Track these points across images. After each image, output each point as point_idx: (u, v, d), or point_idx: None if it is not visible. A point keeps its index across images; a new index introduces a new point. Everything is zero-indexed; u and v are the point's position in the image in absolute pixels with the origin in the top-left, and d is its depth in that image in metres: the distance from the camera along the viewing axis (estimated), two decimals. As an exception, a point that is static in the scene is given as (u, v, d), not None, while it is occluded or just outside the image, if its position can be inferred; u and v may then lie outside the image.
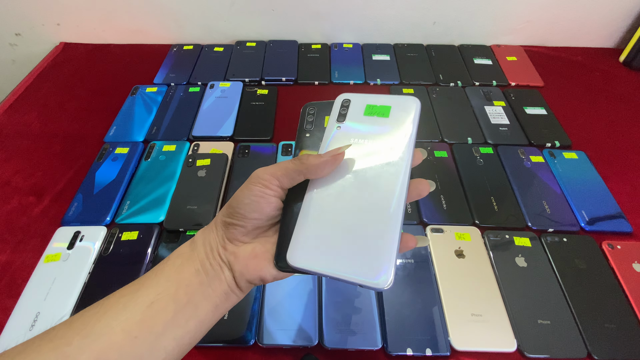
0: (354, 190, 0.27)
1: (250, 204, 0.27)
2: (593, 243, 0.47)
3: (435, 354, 0.38)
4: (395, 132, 0.29)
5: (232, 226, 0.28)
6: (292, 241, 0.26)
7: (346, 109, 0.31)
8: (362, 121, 0.30)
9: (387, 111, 0.30)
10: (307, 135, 0.32)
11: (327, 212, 0.27)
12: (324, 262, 0.25)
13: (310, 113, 0.33)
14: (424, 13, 0.76)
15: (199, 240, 0.29)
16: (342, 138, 0.29)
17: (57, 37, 0.80)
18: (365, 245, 0.25)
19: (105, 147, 0.57)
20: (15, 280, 0.44)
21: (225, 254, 0.28)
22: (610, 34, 0.79)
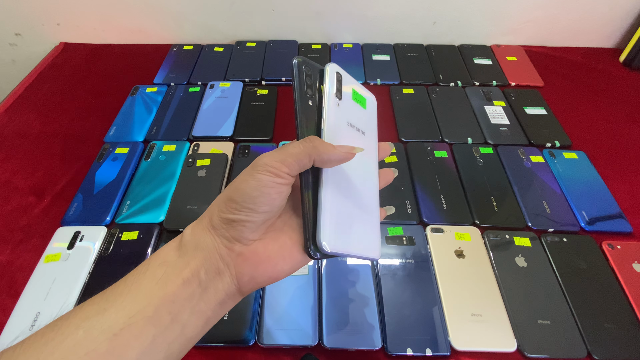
0: (356, 177, 0.28)
1: (260, 196, 0.24)
2: (593, 243, 0.47)
3: (435, 354, 0.38)
4: (371, 125, 0.31)
5: (238, 223, 0.24)
6: (323, 227, 0.25)
7: (340, 84, 0.29)
8: (353, 106, 0.30)
9: (364, 103, 0.31)
10: (309, 104, 0.27)
11: (343, 198, 0.27)
12: (349, 245, 0.26)
13: (308, 74, 0.28)
14: (424, 13, 0.76)
15: (189, 243, 0.24)
16: (342, 119, 0.28)
17: (57, 37, 0.80)
18: (368, 227, 0.28)
19: (105, 147, 0.57)
20: (15, 280, 0.44)
21: (231, 256, 0.24)
22: (610, 34, 0.79)
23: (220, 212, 0.25)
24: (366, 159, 0.30)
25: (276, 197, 0.24)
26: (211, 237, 0.24)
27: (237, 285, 0.25)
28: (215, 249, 0.24)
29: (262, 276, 0.25)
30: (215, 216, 0.25)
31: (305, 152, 0.24)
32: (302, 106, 0.27)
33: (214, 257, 0.24)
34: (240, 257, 0.24)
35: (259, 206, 0.24)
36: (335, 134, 0.27)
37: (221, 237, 0.25)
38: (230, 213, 0.24)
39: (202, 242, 0.24)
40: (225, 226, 0.24)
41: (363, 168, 0.29)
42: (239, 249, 0.24)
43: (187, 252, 0.24)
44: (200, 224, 0.25)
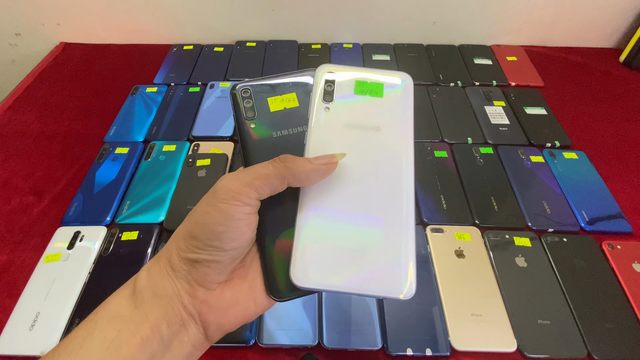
0: (358, 191, 0.23)
1: (227, 230, 0.20)
2: (593, 243, 0.47)
3: (435, 354, 0.38)
4: (394, 117, 0.25)
5: (201, 264, 0.20)
6: (297, 258, 0.22)
7: (332, 84, 0.25)
8: (354, 101, 0.25)
9: (380, 90, 0.26)
10: (252, 127, 0.25)
11: (333, 219, 0.23)
12: (339, 278, 0.22)
13: (245, 96, 0.26)
14: (424, 13, 0.76)
15: (145, 290, 0.20)
16: (334, 123, 0.25)
17: (57, 37, 0.80)
18: (381, 256, 0.22)
19: (105, 147, 0.57)
20: (15, 280, 0.44)
21: (194, 305, 0.20)
22: (610, 34, 0.79)
23: (179, 250, 0.21)
24: (378, 160, 0.24)
25: (246, 230, 0.21)
26: (171, 283, 0.20)
27: (204, 335, 0.21)
28: (176, 297, 0.20)
29: (230, 324, 0.21)
30: (174, 255, 0.21)
31: (276, 173, 0.21)
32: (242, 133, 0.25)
33: (176, 307, 0.20)
34: (204, 305, 0.21)
35: (225, 243, 0.20)
36: (323, 143, 0.24)
37: (182, 280, 0.21)
38: (191, 252, 0.20)
39: (161, 289, 0.20)
40: (186, 268, 0.20)
41: (380, 176, 0.24)
42: (203, 295, 0.21)
43: (144, 302, 0.20)
44: (157, 265, 0.21)
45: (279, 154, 0.23)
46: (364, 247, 0.22)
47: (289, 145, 0.25)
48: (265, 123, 0.25)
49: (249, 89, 0.26)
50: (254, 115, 0.25)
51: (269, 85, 0.26)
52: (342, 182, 0.23)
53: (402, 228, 0.23)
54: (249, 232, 0.21)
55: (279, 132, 0.25)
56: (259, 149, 0.25)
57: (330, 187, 0.23)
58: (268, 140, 0.25)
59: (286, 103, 0.26)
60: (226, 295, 0.21)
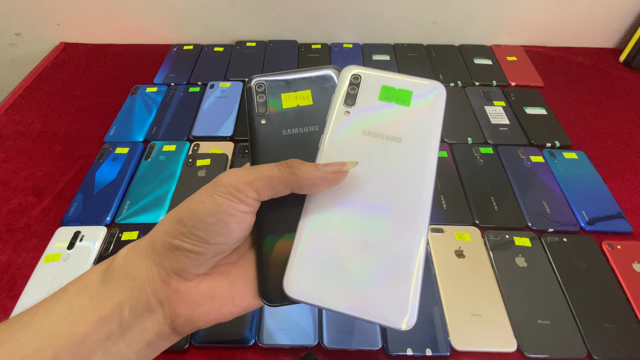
0: (368, 207, 0.22)
1: (216, 223, 0.19)
2: (593, 243, 0.47)
3: (435, 354, 0.38)
4: (419, 128, 0.23)
5: (182, 252, 0.20)
6: (293, 267, 0.21)
7: (356, 88, 0.24)
8: (378, 108, 0.24)
9: (407, 98, 0.24)
10: (262, 123, 0.25)
11: (337, 232, 0.21)
12: (336, 296, 0.20)
13: (260, 91, 0.25)
14: (424, 13, 0.76)
15: (118, 268, 0.20)
16: (353, 129, 0.23)
17: (57, 37, 0.80)
18: (384, 280, 0.21)
19: (105, 147, 0.57)
20: (15, 280, 0.44)
21: (165, 292, 0.20)
22: (610, 34, 0.79)
23: (165, 234, 0.20)
24: (395, 175, 0.22)
25: (235, 227, 0.20)
26: (146, 265, 0.20)
27: (172, 326, 0.20)
28: (147, 281, 0.20)
29: (201, 319, 0.20)
30: (158, 238, 0.20)
31: (280, 178, 0.20)
32: (252, 129, 0.24)
33: (144, 291, 0.20)
34: (176, 295, 0.20)
35: (211, 236, 0.19)
36: (337, 150, 0.23)
37: (158, 265, 0.20)
38: (176, 238, 0.20)
39: (134, 270, 0.20)
40: (166, 253, 0.20)
41: (396, 192, 0.22)
42: (176, 284, 0.20)
43: (113, 280, 0.20)
44: (139, 245, 0.21)
45: (286, 153, 0.22)
46: (367, 267, 0.21)
47: (298, 145, 0.24)
48: (277, 120, 0.25)
49: (264, 84, 0.25)
50: (265, 111, 0.25)
51: (284, 81, 0.25)
52: (352, 194, 0.22)
53: (412, 255, 0.21)
54: (237, 230, 0.20)
55: (290, 131, 0.25)
56: (267, 146, 0.24)
57: (338, 197, 0.22)
58: (277, 138, 0.24)
59: (300, 100, 0.25)
60: (202, 288, 0.21)
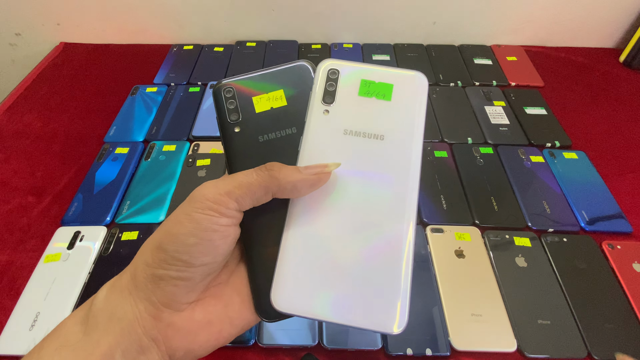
0: (353, 210, 0.21)
1: (199, 243, 0.18)
2: (593, 243, 0.47)
3: (435, 354, 0.38)
4: (402, 124, 0.22)
5: (167, 282, 0.18)
6: (279, 280, 0.20)
7: (334, 83, 0.23)
8: (358, 104, 0.22)
9: (388, 91, 0.23)
10: (236, 131, 0.23)
11: (322, 240, 0.21)
12: (325, 306, 0.20)
13: (228, 97, 0.23)
14: (424, 13, 0.76)
15: (100, 312, 0.18)
16: (333, 129, 0.22)
17: (57, 37, 0.80)
18: (372, 284, 0.20)
19: (105, 147, 0.57)
20: (15, 280, 0.44)
21: (158, 328, 0.18)
22: (610, 34, 0.79)
23: (145, 265, 0.18)
24: (379, 175, 0.21)
25: (220, 243, 0.19)
26: (131, 304, 0.18)
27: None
28: (136, 320, 0.18)
29: (201, 348, 0.19)
30: (139, 271, 0.18)
31: (259, 182, 0.19)
32: (226, 138, 0.23)
33: (135, 332, 0.18)
34: (170, 329, 0.18)
35: (196, 257, 0.18)
36: (318, 151, 0.22)
37: (145, 301, 0.18)
38: (158, 267, 0.18)
39: (119, 311, 0.18)
40: (150, 286, 0.18)
41: (380, 194, 0.21)
42: (169, 317, 0.18)
43: (97, 327, 0.18)
44: (119, 282, 0.19)
45: (265, 161, 0.21)
46: (355, 273, 0.20)
47: (277, 151, 0.23)
48: (251, 126, 0.23)
49: (232, 88, 0.23)
50: (238, 118, 0.23)
51: (252, 82, 0.24)
52: (336, 198, 0.21)
53: (400, 257, 0.20)
54: (224, 246, 0.19)
55: (266, 136, 0.23)
56: (245, 155, 0.23)
57: (321, 202, 0.21)
58: (254, 146, 0.23)
59: (272, 102, 0.24)
60: (197, 316, 0.19)
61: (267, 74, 0.24)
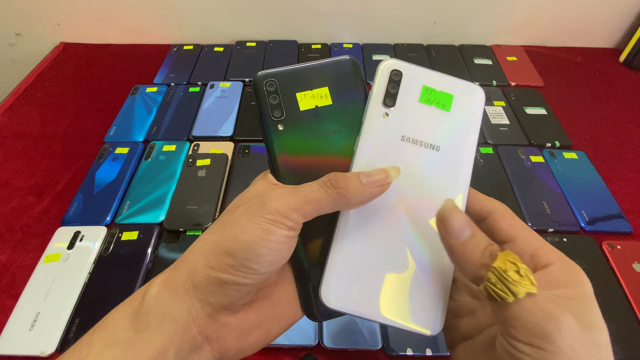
0: (406, 217, 0.21)
1: (269, 254, 0.18)
2: (593, 243, 0.47)
3: (435, 354, 0.38)
4: (458, 137, 0.22)
5: (232, 286, 0.18)
6: (329, 278, 0.20)
7: (396, 86, 0.22)
8: (418, 111, 0.22)
9: (448, 102, 0.22)
10: (280, 129, 0.22)
11: (372, 243, 0.21)
12: (371, 305, 0.20)
13: (271, 91, 0.22)
14: (424, 13, 0.76)
15: (153, 311, 0.18)
16: (391, 134, 0.21)
17: (57, 37, 0.80)
18: (420, 287, 0.21)
19: (105, 147, 0.57)
20: (15, 280, 0.44)
21: (212, 328, 0.18)
22: (610, 34, 0.79)
23: (208, 267, 0.18)
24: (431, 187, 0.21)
25: (286, 254, 0.19)
26: (187, 303, 0.18)
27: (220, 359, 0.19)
28: (192, 319, 0.18)
29: (252, 347, 0.20)
30: (200, 272, 0.18)
31: (327, 200, 0.19)
32: (270, 135, 0.22)
33: (190, 331, 0.18)
34: (225, 329, 0.19)
35: (264, 266, 0.18)
36: (375, 157, 0.21)
37: (202, 302, 0.18)
38: (224, 272, 0.18)
39: (174, 310, 0.18)
40: (212, 288, 0.18)
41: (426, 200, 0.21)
42: (224, 318, 0.19)
43: (149, 326, 0.17)
44: (173, 281, 0.18)
45: (312, 165, 0.21)
46: (404, 276, 0.21)
47: (324, 153, 0.22)
48: (296, 125, 0.22)
49: (274, 82, 0.22)
50: (281, 116, 0.22)
51: (296, 77, 0.22)
52: (388, 202, 0.21)
53: (446, 265, 0.21)
54: (287, 257, 0.20)
55: (312, 138, 0.22)
56: (290, 156, 0.22)
57: (374, 207, 0.21)
58: (300, 146, 0.22)
59: (317, 100, 0.22)
60: (250, 317, 0.20)
61: (311, 68, 0.23)
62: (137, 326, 0.17)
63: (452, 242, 0.19)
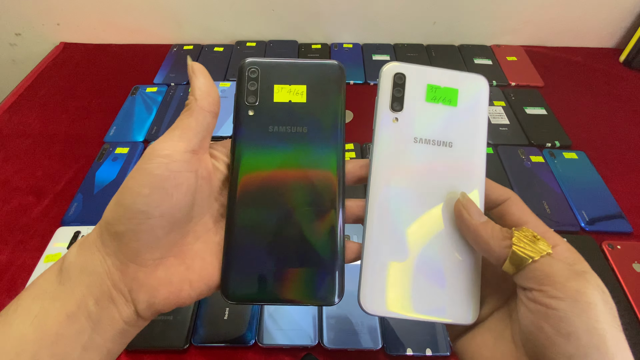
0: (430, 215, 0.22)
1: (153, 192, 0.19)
2: (593, 243, 0.47)
3: (435, 354, 0.38)
4: (468, 130, 0.22)
5: (129, 236, 0.19)
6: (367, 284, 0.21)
7: (401, 89, 0.22)
8: (426, 111, 0.22)
9: (454, 97, 0.22)
10: (250, 114, 0.23)
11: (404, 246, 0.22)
12: (409, 305, 0.21)
13: (252, 77, 0.23)
14: (424, 13, 0.76)
15: (73, 266, 0.20)
16: (403, 138, 0.22)
17: (57, 37, 0.80)
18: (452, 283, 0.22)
19: (105, 147, 0.57)
20: (15, 280, 0.44)
21: (124, 281, 0.20)
22: (610, 34, 0.79)
23: (107, 222, 0.20)
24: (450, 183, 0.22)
25: (173, 191, 0.19)
26: (99, 259, 0.20)
27: (138, 312, 0.20)
28: (105, 273, 0.19)
29: (162, 304, 0.20)
30: (103, 228, 0.20)
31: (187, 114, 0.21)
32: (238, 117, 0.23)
33: (104, 284, 0.19)
34: (135, 282, 0.20)
35: (153, 207, 0.19)
36: (390, 161, 0.22)
37: (112, 256, 0.20)
38: (118, 223, 0.19)
39: (90, 265, 0.19)
40: (114, 242, 0.19)
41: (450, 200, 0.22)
42: (134, 272, 0.20)
43: (70, 278, 0.19)
44: (87, 240, 0.20)
45: (270, 150, 0.22)
46: (437, 275, 0.22)
47: (284, 145, 0.23)
48: (265, 113, 0.23)
49: (257, 69, 0.23)
50: (255, 102, 0.23)
51: (279, 69, 0.24)
52: (411, 206, 0.22)
53: (471, 258, 0.22)
54: (177, 195, 0.20)
55: (277, 128, 0.23)
56: (251, 140, 0.23)
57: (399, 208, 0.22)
58: (262, 134, 0.23)
59: (293, 95, 0.23)
60: (159, 273, 0.20)
61: (296, 65, 0.24)
62: (60, 279, 0.19)
63: (475, 222, 0.21)
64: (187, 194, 0.20)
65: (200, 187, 0.21)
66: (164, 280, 0.20)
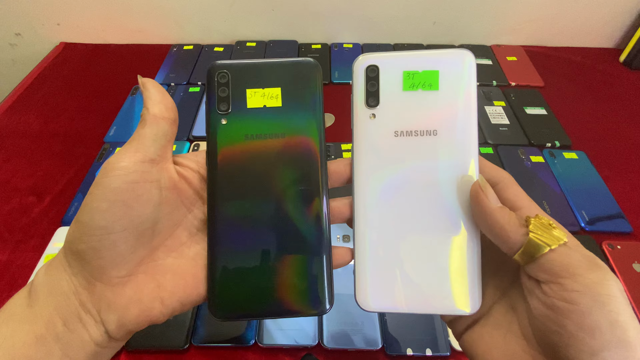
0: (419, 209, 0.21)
1: (111, 206, 0.18)
2: (593, 243, 0.47)
3: (435, 354, 0.38)
4: (454, 114, 0.21)
5: (91, 254, 0.18)
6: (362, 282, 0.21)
7: (375, 82, 0.21)
8: (404, 101, 0.21)
9: (435, 79, 0.21)
10: (223, 123, 0.22)
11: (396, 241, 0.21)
12: (406, 300, 0.21)
13: (222, 82, 0.22)
14: (424, 13, 0.76)
15: (41, 287, 0.19)
16: (383, 134, 0.21)
17: (57, 37, 0.80)
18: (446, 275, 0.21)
19: (105, 147, 0.57)
20: (15, 280, 0.44)
21: (91, 301, 0.19)
22: (610, 34, 0.79)
23: (69, 242, 0.19)
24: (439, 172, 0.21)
25: (133, 203, 0.19)
26: (66, 279, 0.19)
27: (109, 333, 0.19)
28: (72, 293, 0.19)
29: (132, 323, 0.19)
30: (67, 247, 0.19)
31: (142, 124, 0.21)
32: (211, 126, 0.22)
33: (72, 304, 0.19)
34: (102, 302, 0.19)
35: (113, 222, 0.18)
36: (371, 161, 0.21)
37: (77, 276, 0.19)
38: (79, 242, 0.18)
39: (57, 286, 0.19)
40: (78, 261, 0.19)
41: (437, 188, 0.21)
42: (101, 291, 0.19)
43: (38, 300, 0.19)
44: (54, 262, 0.20)
45: (247, 160, 0.22)
46: (429, 266, 0.21)
47: (260, 152, 0.22)
48: (239, 121, 0.22)
49: (227, 74, 0.22)
50: (227, 109, 0.22)
51: (250, 72, 0.22)
52: (402, 199, 0.21)
53: (469, 245, 0.21)
54: (138, 207, 0.19)
55: (253, 135, 0.22)
56: (227, 153, 0.22)
57: (389, 205, 0.21)
58: (237, 142, 0.22)
59: (267, 100, 0.22)
60: (127, 292, 0.19)
61: (268, 65, 0.22)
62: (29, 302, 0.19)
63: (492, 206, 0.19)
64: (148, 205, 0.19)
65: (166, 199, 0.20)
66: (134, 298, 0.19)
